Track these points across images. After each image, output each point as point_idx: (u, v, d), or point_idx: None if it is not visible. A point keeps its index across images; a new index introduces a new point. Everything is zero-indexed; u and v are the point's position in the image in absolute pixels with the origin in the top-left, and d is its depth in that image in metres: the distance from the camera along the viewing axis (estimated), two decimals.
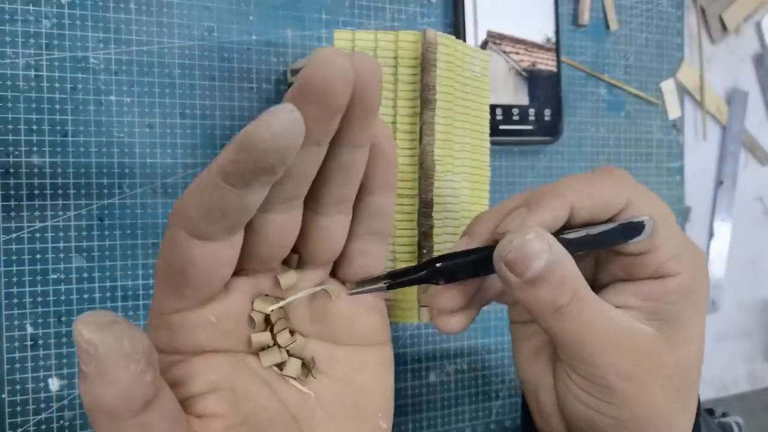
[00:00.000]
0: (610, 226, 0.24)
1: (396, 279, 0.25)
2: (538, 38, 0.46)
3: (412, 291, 0.31)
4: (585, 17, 0.49)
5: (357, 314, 0.26)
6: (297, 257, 0.24)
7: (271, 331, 0.24)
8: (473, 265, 0.25)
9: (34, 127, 0.34)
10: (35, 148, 0.34)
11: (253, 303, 0.24)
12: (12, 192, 0.33)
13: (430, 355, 0.44)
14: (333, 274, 0.26)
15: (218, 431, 0.22)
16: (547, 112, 0.46)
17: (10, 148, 0.33)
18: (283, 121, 0.18)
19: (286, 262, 0.25)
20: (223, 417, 0.22)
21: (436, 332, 0.44)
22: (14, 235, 0.33)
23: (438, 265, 0.25)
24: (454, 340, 0.45)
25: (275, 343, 0.24)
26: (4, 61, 0.33)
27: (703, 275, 0.26)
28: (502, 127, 0.44)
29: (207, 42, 0.38)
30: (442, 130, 0.31)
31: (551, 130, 0.46)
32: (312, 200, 0.23)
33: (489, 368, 0.46)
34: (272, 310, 0.24)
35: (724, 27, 0.56)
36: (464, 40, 0.43)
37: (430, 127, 0.30)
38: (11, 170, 0.33)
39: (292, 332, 0.25)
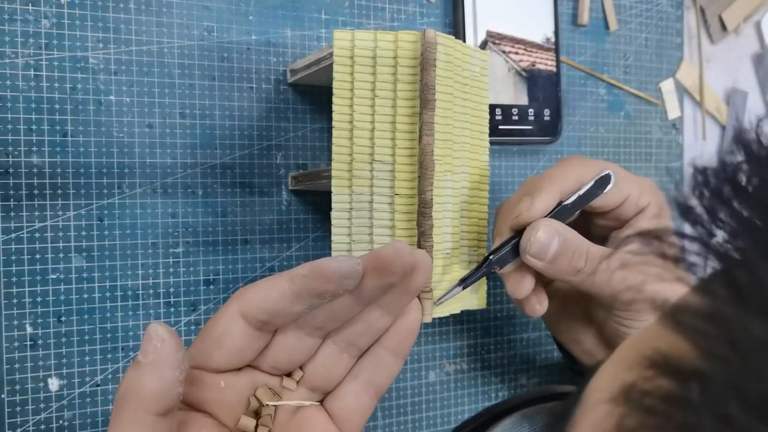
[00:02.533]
0: (589, 183, 0.33)
1: (467, 280, 0.32)
2: (538, 38, 0.46)
3: None
4: (584, 17, 0.49)
5: None
6: (301, 374, 0.29)
7: (257, 423, 0.28)
8: (512, 251, 0.32)
9: (34, 127, 0.34)
10: (35, 148, 0.34)
11: (255, 390, 0.28)
12: (12, 192, 0.33)
13: (430, 355, 0.44)
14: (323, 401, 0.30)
15: None
16: (547, 112, 0.46)
17: (10, 148, 0.33)
18: (349, 265, 0.24)
19: (290, 375, 0.29)
20: None
21: (436, 332, 0.44)
22: (14, 235, 0.33)
23: (490, 257, 0.32)
24: (454, 340, 0.45)
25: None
26: (3, 61, 0.33)
27: (658, 193, 0.35)
28: (501, 127, 0.44)
29: (206, 42, 0.38)
30: (441, 130, 0.31)
31: (551, 130, 0.46)
32: (331, 332, 0.28)
33: (489, 368, 0.46)
34: (267, 404, 0.28)
35: (723, 27, 0.56)
36: (464, 40, 0.43)
37: (430, 126, 0.30)
38: (11, 170, 0.33)
39: None
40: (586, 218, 0.37)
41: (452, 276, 0.33)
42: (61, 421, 0.35)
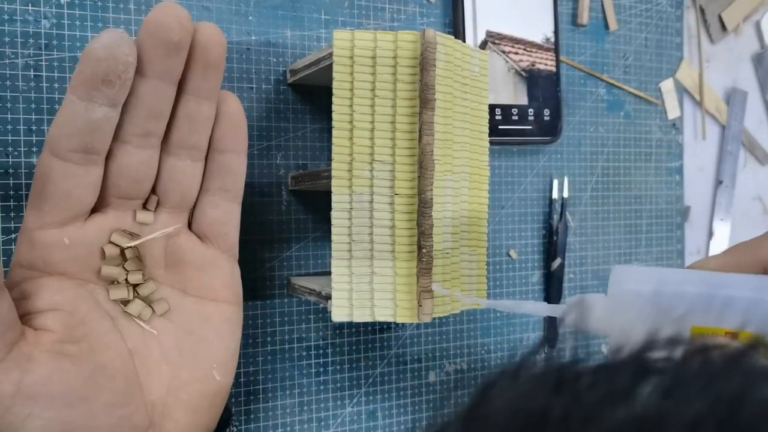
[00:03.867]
0: None
1: None
2: (538, 38, 0.46)
3: (411, 291, 0.31)
4: (584, 17, 0.49)
5: (207, 268, 0.29)
6: (156, 199, 0.28)
7: (124, 267, 0.27)
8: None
9: (34, 128, 0.34)
10: (35, 148, 0.34)
11: (110, 236, 0.27)
12: (12, 192, 0.33)
13: (430, 355, 0.44)
14: (190, 228, 0.30)
15: (47, 344, 0.24)
16: (547, 112, 0.46)
17: (10, 148, 0.33)
18: (112, 35, 0.23)
19: (146, 206, 0.28)
20: (55, 333, 0.25)
21: (436, 332, 0.44)
22: (14, 236, 0.33)
23: None
24: (454, 340, 0.45)
25: (126, 280, 0.27)
26: (3, 62, 0.33)
27: None
28: (501, 127, 0.44)
29: None
30: (441, 130, 0.31)
31: (550, 130, 0.46)
32: (166, 144, 0.27)
33: (489, 368, 0.46)
34: (127, 247, 0.27)
35: (723, 26, 0.56)
36: (463, 40, 0.43)
37: (430, 126, 0.30)
38: (11, 170, 0.33)
39: (144, 277, 0.28)
40: None
41: (452, 273, 0.33)
42: None
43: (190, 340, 0.29)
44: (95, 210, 0.27)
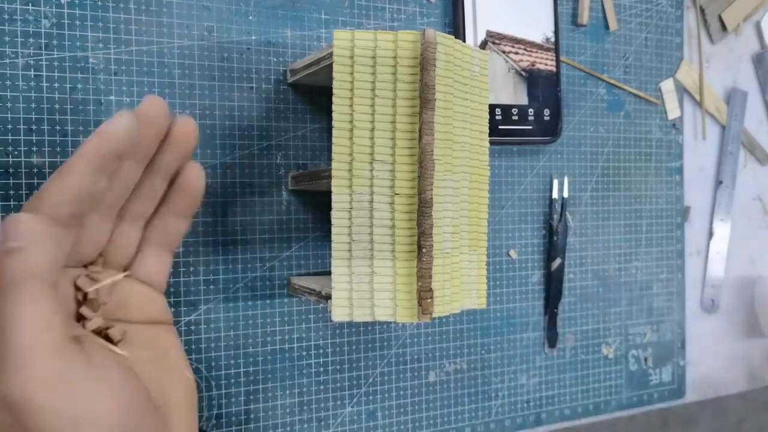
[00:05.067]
0: None
1: None
2: (538, 38, 0.46)
3: (411, 291, 0.31)
4: (584, 17, 0.49)
5: (145, 301, 0.32)
6: (102, 259, 0.31)
7: (81, 306, 0.29)
8: None
9: (34, 127, 0.34)
10: (35, 148, 0.34)
11: (76, 281, 0.29)
12: (12, 192, 0.33)
13: (430, 355, 0.44)
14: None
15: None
16: (547, 112, 0.46)
17: (10, 148, 0.33)
18: (131, 119, 0.26)
19: (94, 263, 0.31)
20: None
21: (436, 332, 0.44)
22: None
23: None
24: (454, 340, 0.45)
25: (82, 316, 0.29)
26: (3, 61, 0.33)
27: None
28: (501, 126, 0.44)
29: (206, 42, 0.38)
30: (441, 130, 0.31)
31: (550, 129, 0.46)
32: (122, 211, 0.30)
33: (489, 368, 0.46)
34: (92, 290, 0.29)
35: (723, 27, 0.56)
36: (464, 40, 0.43)
37: (430, 126, 0.30)
38: (11, 170, 0.33)
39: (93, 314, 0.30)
40: None
41: (452, 273, 0.33)
42: None
43: (155, 353, 0.31)
44: None
